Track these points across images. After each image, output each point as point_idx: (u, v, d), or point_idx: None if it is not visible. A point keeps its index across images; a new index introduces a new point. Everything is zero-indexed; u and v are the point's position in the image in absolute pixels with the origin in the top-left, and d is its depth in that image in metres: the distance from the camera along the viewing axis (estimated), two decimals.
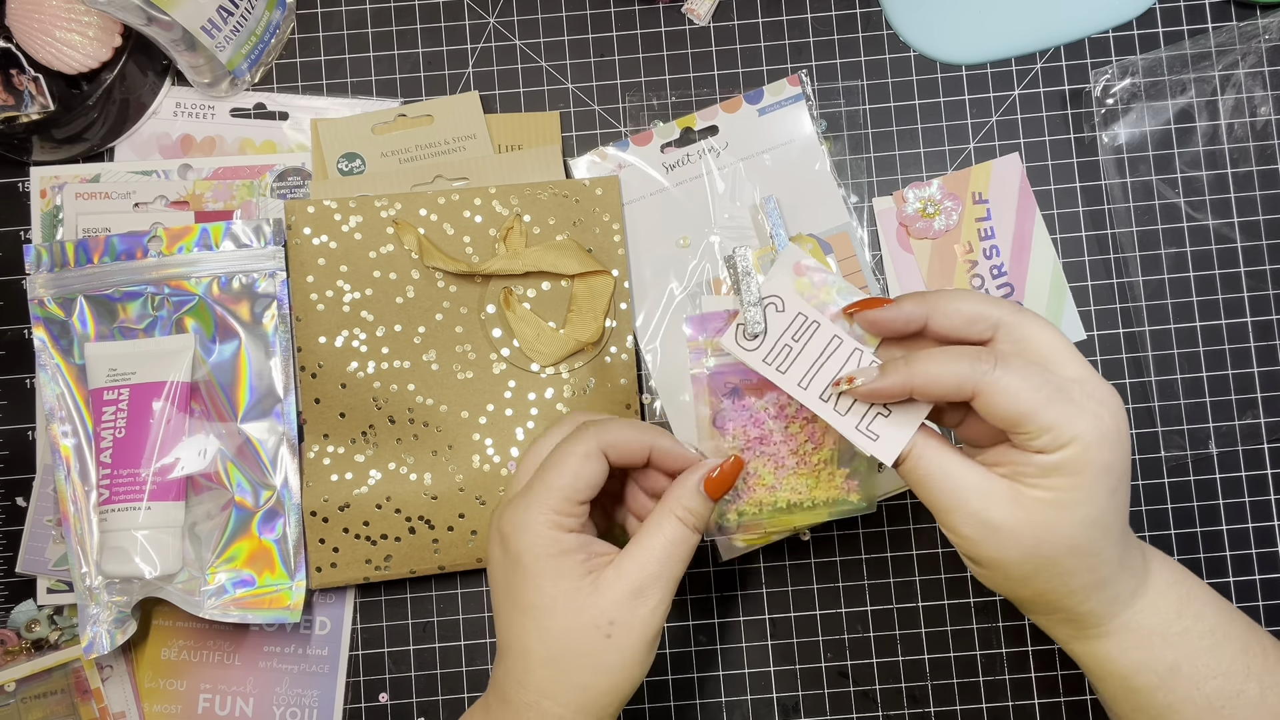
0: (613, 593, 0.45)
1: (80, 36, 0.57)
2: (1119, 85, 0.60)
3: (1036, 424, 0.41)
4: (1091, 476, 0.41)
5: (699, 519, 0.46)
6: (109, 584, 0.57)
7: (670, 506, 0.46)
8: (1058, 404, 0.41)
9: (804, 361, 0.45)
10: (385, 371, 0.58)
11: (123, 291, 0.58)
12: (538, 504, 0.46)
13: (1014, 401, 0.41)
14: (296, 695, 0.59)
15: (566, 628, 0.45)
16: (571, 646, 0.45)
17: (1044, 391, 0.41)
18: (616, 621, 0.45)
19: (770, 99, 0.61)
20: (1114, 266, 0.60)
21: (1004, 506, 0.42)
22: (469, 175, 0.60)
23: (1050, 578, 0.43)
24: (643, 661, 0.46)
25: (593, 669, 0.45)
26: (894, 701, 0.59)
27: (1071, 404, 0.41)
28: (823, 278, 0.46)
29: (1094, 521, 0.42)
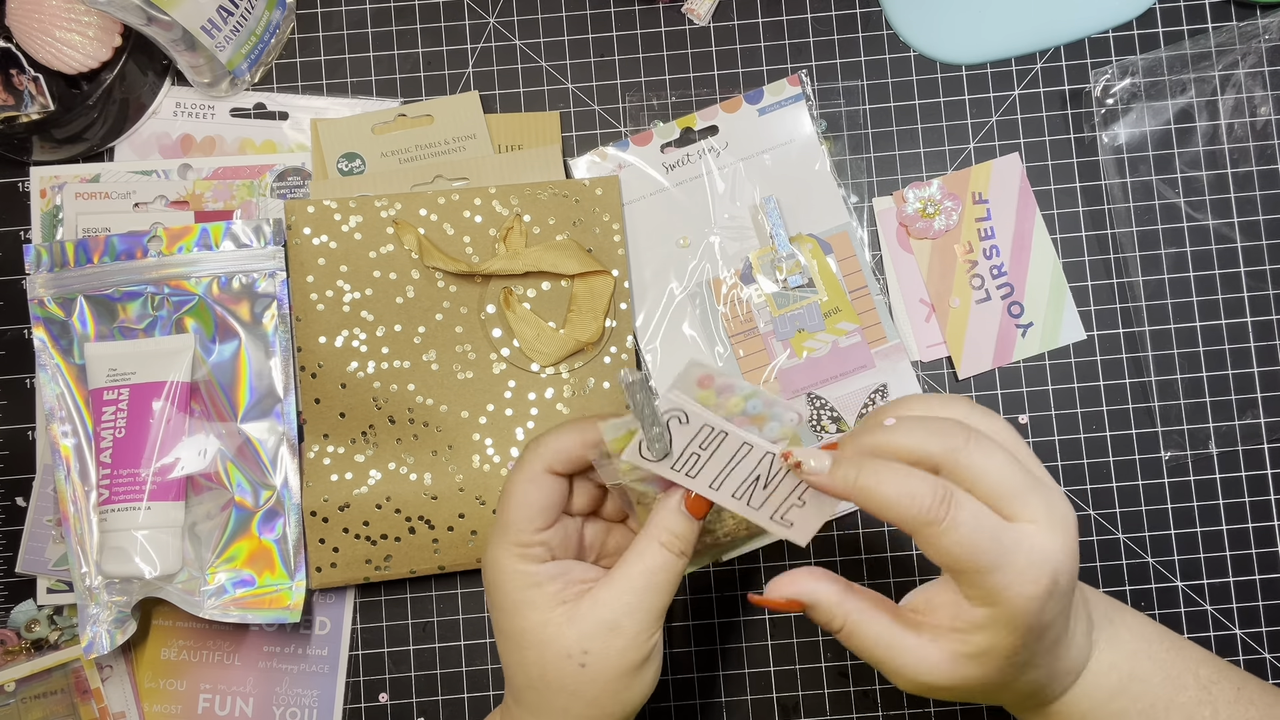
0: (586, 624, 0.44)
1: (80, 36, 0.57)
2: (1119, 85, 0.60)
3: (967, 580, 0.40)
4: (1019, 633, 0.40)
5: (683, 542, 0.45)
6: (109, 584, 0.57)
7: (652, 532, 0.45)
8: (998, 571, 0.39)
9: (714, 467, 0.44)
10: (385, 371, 0.58)
11: (123, 291, 0.58)
12: (499, 540, 0.46)
13: (954, 559, 0.40)
14: (296, 695, 0.59)
15: (541, 658, 0.44)
16: (546, 675, 0.45)
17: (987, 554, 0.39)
18: (591, 652, 0.44)
19: (770, 99, 0.61)
20: (1114, 266, 0.60)
21: (938, 670, 0.41)
22: (469, 175, 0.60)
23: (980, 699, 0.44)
24: (625, 687, 0.45)
25: (569, 694, 0.45)
26: (894, 701, 0.59)
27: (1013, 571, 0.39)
28: (728, 387, 0.43)
29: (1020, 664, 0.41)
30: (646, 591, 0.44)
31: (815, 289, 0.60)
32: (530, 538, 0.45)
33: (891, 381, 0.59)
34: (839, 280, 0.60)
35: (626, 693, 0.45)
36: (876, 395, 0.59)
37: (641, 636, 0.44)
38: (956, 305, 0.60)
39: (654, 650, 0.46)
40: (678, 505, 0.44)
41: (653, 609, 0.44)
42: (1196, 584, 0.59)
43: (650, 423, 0.42)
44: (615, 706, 0.45)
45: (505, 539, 0.46)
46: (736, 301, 0.60)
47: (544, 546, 0.46)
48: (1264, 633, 0.59)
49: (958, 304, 0.60)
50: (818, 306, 0.60)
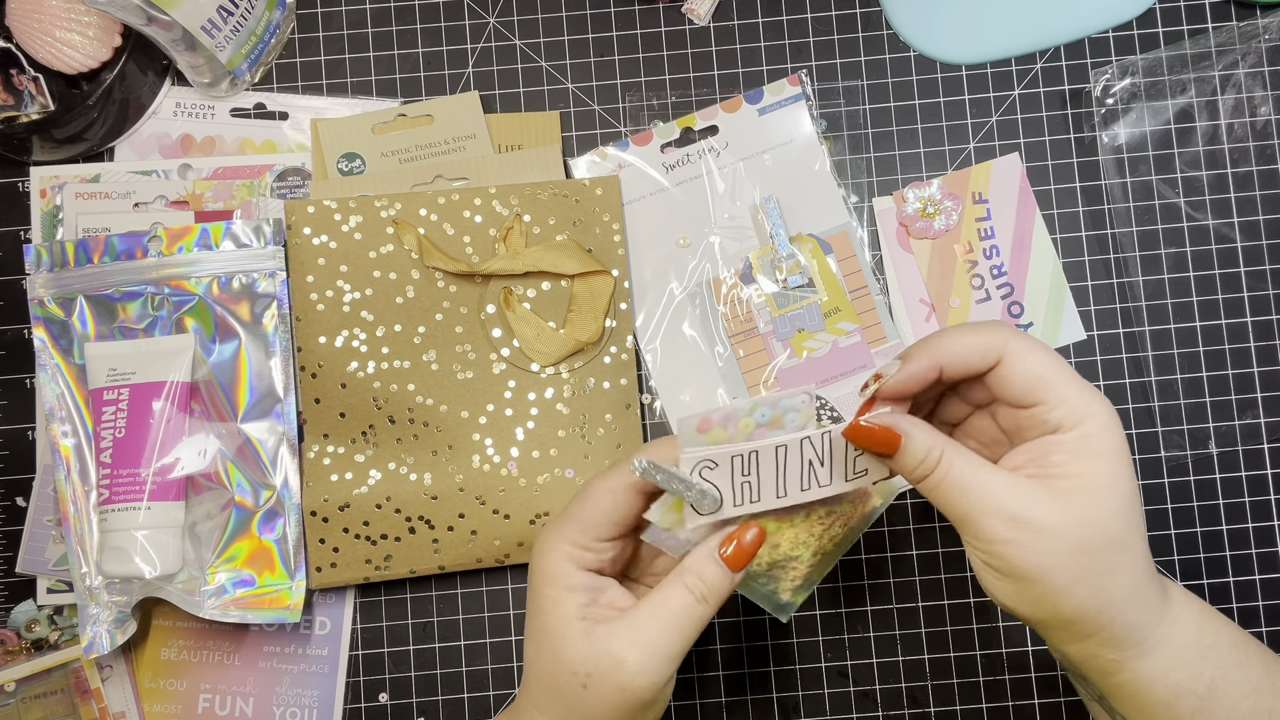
0: (596, 648, 0.43)
1: (80, 36, 0.57)
2: (1119, 85, 0.60)
3: (1055, 392, 0.41)
4: (1114, 456, 0.41)
5: (712, 591, 0.43)
6: (109, 584, 0.57)
7: (681, 574, 0.44)
8: (1074, 381, 0.41)
9: (768, 482, 0.43)
10: (385, 371, 0.58)
11: (123, 291, 0.58)
12: (557, 530, 0.45)
13: (1036, 366, 0.41)
14: (296, 695, 0.59)
15: (554, 659, 0.44)
16: (555, 678, 0.44)
17: (1061, 367, 0.41)
18: (593, 676, 0.43)
19: (770, 99, 0.61)
20: (1114, 266, 0.60)
21: (1042, 503, 0.40)
22: (469, 175, 0.60)
23: (1094, 580, 0.40)
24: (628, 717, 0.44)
25: (569, 706, 0.44)
26: (894, 701, 0.59)
27: (1084, 384, 0.42)
28: (728, 416, 0.43)
29: (1125, 509, 0.41)
30: (662, 633, 0.43)
31: (815, 289, 0.60)
32: (588, 541, 0.45)
33: None
34: (839, 280, 0.60)
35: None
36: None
37: (643, 677, 0.43)
38: (956, 305, 0.60)
39: (659, 695, 0.44)
40: (711, 552, 0.44)
41: (664, 652, 0.43)
42: (1196, 584, 0.59)
43: (687, 488, 0.42)
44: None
45: (563, 533, 0.45)
46: (736, 301, 0.60)
47: (596, 555, 0.45)
48: (1264, 633, 0.59)
49: (958, 304, 0.60)
50: (818, 306, 0.60)
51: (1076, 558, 0.40)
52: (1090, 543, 0.40)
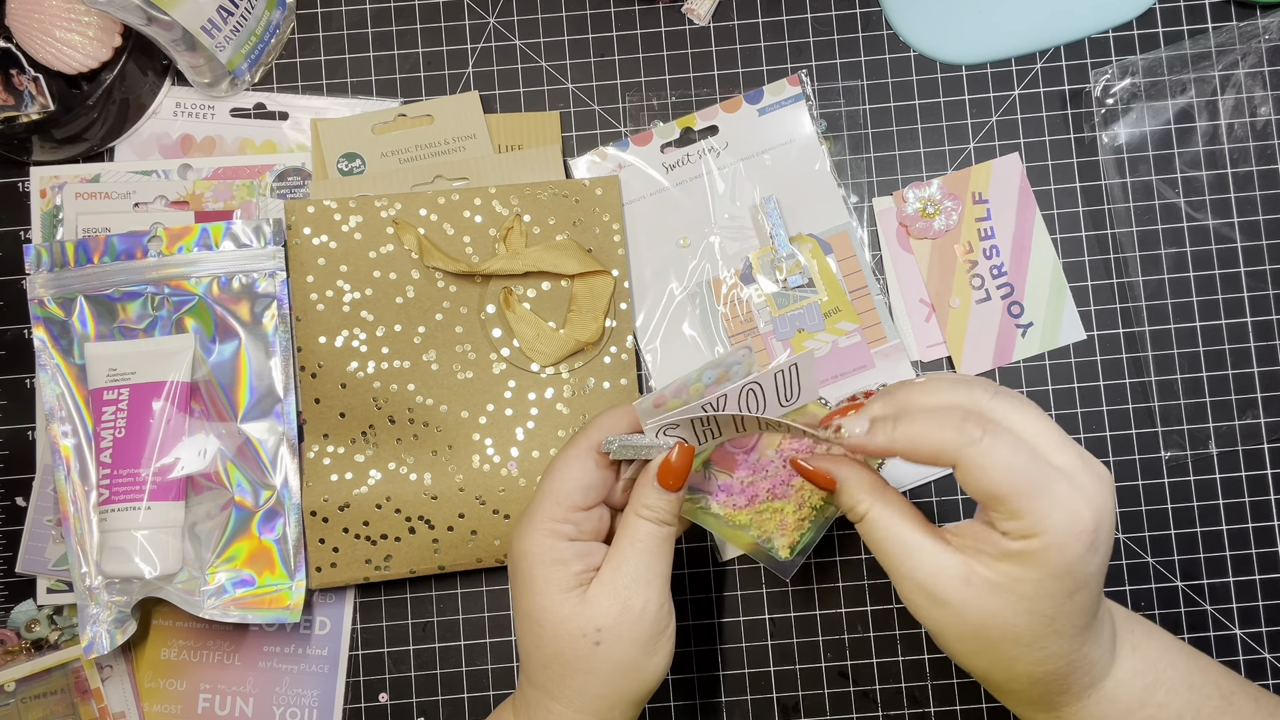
0: (599, 603, 0.45)
1: (80, 36, 0.57)
2: (1119, 85, 0.60)
3: (1008, 508, 0.39)
4: (1049, 575, 0.39)
5: (663, 512, 0.46)
6: (109, 584, 0.57)
7: (633, 508, 0.47)
8: (1036, 495, 0.39)
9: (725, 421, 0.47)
10: (385, 371, 0.58)
11: (123, 291, 0.58)
12: (535, 512, 0.47)
13: (989, 483, 0.39)
14: (296, 695, 0.59)
15: (556, 635, 0.45)
16: (563, 653, 0.45)
17: (1024, 478, 0.39)
18: (604, 629, 0.45)
19: (770, 99, 0.61)
20: (1114, 266, 0.60)
21: (951, 583, 0.41)
22: (469, 175, 0.60)
23: (993, 660, 0.42)
24: (642, 664, 0.46)
25: (586, 673, 0.45)
26: (894, 701, 0.59)
27: (1049, 497, 0.39)
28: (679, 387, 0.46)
29: (1042, 616, 0.40)
30: (643, 562, 0.46)
31: (815, 289, 0.60)
32: (564, 514, 0.46)
33: (891, 382, 0.59)
34: (839, 280, 0.60)
35: (642, 671, 0.46)
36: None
37: (650, 607, 0.46)
38: (956, 305, 0.60)
39: (667, 624, 0.47)
40: (651, 480, 0.46)
41: (651, 577, 0.46)
42: (1196, 584, 0.59)
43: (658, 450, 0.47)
44: (630, 684, 0.46)
45: (538, 513, 0.47)
46: (736, 301, 0.60)
47: (575, 526, 0.47)
48: (1264, 633, 0.59)
49: (958, 304, 0.60)
50: (818, 306, 0.60)
51: (975, 638, 0.41)
52: (989, 632, 0.41)
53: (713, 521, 0.50)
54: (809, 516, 0.50)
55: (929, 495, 0.60)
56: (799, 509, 0.50)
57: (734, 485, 0.50)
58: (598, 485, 0.47)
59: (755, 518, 0.50)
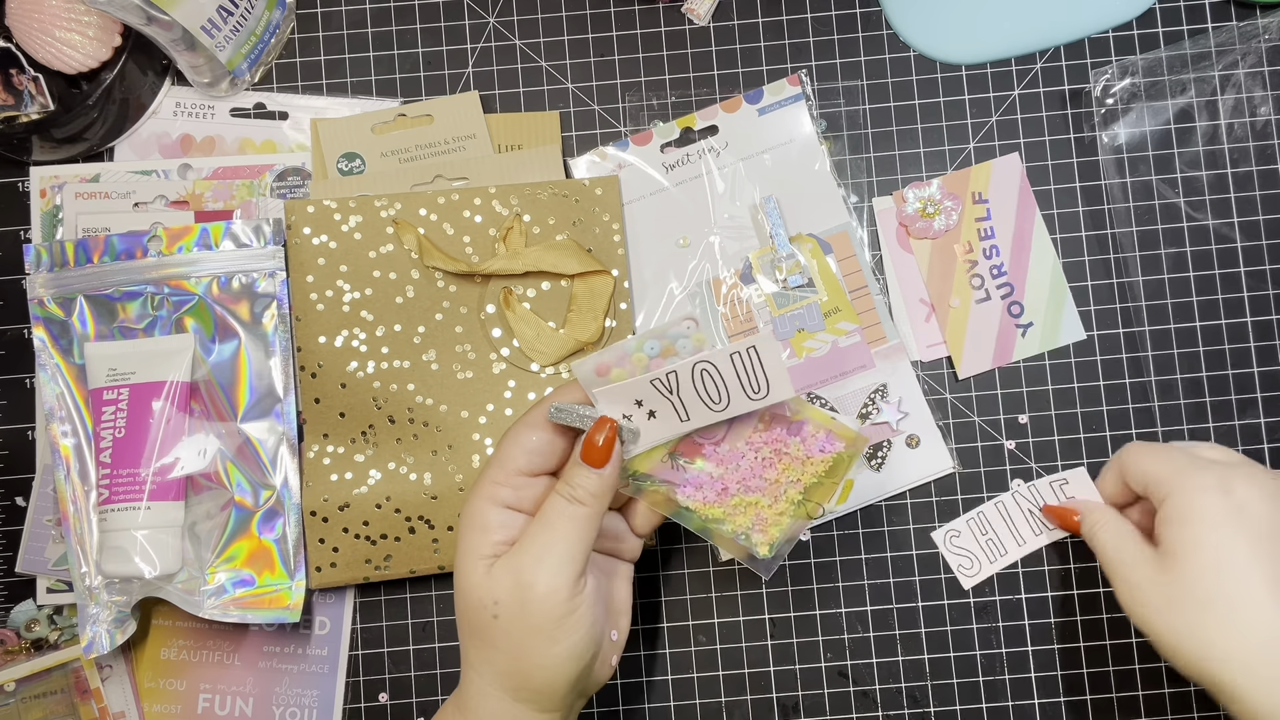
0: (500, 575, 0.45)
1: (80, 36, 0.57)
2: (1119, 85, 0.60)
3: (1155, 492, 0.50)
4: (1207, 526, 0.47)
5: (580, 490, 0.46)
6: (109, 584, 0.57)
7: (558, 486, 0.46)
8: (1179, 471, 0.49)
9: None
10: (385, 371, 0.58)
11: (123, 291, 0.58)
12: (481, 476, 0.47)
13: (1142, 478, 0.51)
14: (296, 695, 0.59)
15: (465, 602, 0.46)
16: (471, 621, 0.46)
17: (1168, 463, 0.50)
18: (500, 603, 0.45)
19: (770, 99, 0.61)
20: (1114, 266, 0.60)
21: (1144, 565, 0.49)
22: (469, 175, 0.60)
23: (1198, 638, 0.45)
24: (539, 648, 0.45)
25: (490, 645, 0.45)
26: (894, 701, 0.59)
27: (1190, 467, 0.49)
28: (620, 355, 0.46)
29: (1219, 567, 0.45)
30: (549, 541, 0.45)
31: (815, 289, 0.60)
32: (505, 476, 0.46)
33: (891, 381, 0.59)
34: (839, 280, 0.60)
35: (542, 656, 0.45)
36: (876, 395, 0.59)
37: (545, 590, 0.44)
38: (956, 305, 0.60)
39: (571, 611, 0.45)
40: (576, 458, 0.46)
41: (562, 558, 0.45)
42: None
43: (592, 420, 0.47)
44: (533, 669, 0.45)
45: (484, 477, 0.47)
46: (736, 301, 0.60)
47: (514, 491, 0.46)
48: None
49: (958, 304, 0.60)
50: (818, 306, 0.60)
51: (1170, 617, 0.46)
52: (1180, 602, 0.46)
53: (685, 516, 0.50)
54: (786, 511, 0.49)
55: (929, 495, 0.60)
56: (774, 503, 0.49)
57: (703, 478, 0.49)
58: (543, 452, 0.47)
59: (729, 512, 0.49)
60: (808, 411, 0.49)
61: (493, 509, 0.46)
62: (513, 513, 0.47)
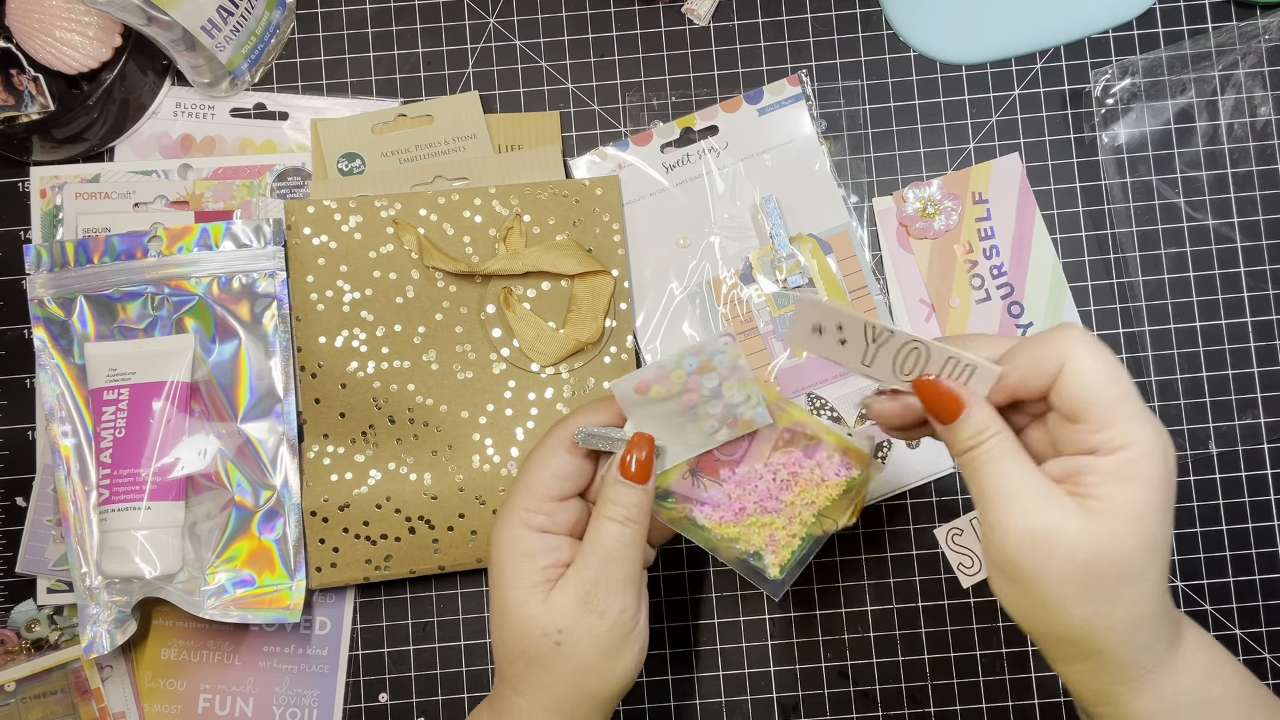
0: (560, 602, 0.45)
1: (80, 36, 0.57)
2: (1119, 85, 0.60)
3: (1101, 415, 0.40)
4: (1150, 489, 0.39)
5: (630, 509, 0.45)
6: (109, 584, 0.57)
7: (600, 508, 0.46)
8: (1125, 403, 0.40)
9: None
10: (385, 371, 0.58)
11: (123, 291, 0.58)
12: (507, 506, 0.47)
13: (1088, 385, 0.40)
14: (296, 695, 0.59)
15: (518, 631, 0.45)
16: (526, 650, 0.45)
17: (1115, 386, 0.40)
18: (565, 630, 0.44)
19: (770, 99, 0.61)
20: (1114, 266, 0.60)
21: (1066, 513, 0.40)
22: (469, 175, 0.60)
23: (1096, 604, 0.40)
24: (606, 666, 0.45)
25: (549, 671, 0.45)
26: (894, 701, 0.59)
27: (1137, 405, 0.40)
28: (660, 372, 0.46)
29: (1149, 541, 0.40)
30: (607, 563, 0.45)
31: (815, 289, 0.60)
32: (537, 503, 0.46)
33: None
34: (839, 280, 0.60)
35: (606, 673, 0.45)
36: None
37: (612, 611, 0.45)
38: (956, 305, 0.60)
39: (633, 629, 0.46)
40: (615, 476, 0.46)
41: (617, 580, 0.45)
42: (1196, 584, 0.59)
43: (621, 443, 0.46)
44: (594, 685, 0.45)
45: (512, 503, 0.46)
46: (736, 301, 0.60)
47: (548, 517, 0.46)
48: (1264, 633, 0.59)
49: (958, 304, 0.60)
50: None
51: (1083, 576, 0.40)
52: (1100, 565, 0.39)
53: (698, 534, 0.49)
54: (799, 533, 0.49)
55: (929, 495, 0.60)
56: (789, 524, 0.49)
57: (721, 498, 0.49)
58: (573, 475, 0.47)
59: (743, 531, 0.49)
60: (824, 433, 0.49)
61: (531, 534, 0.46)
62: (552, 536, 0.46)
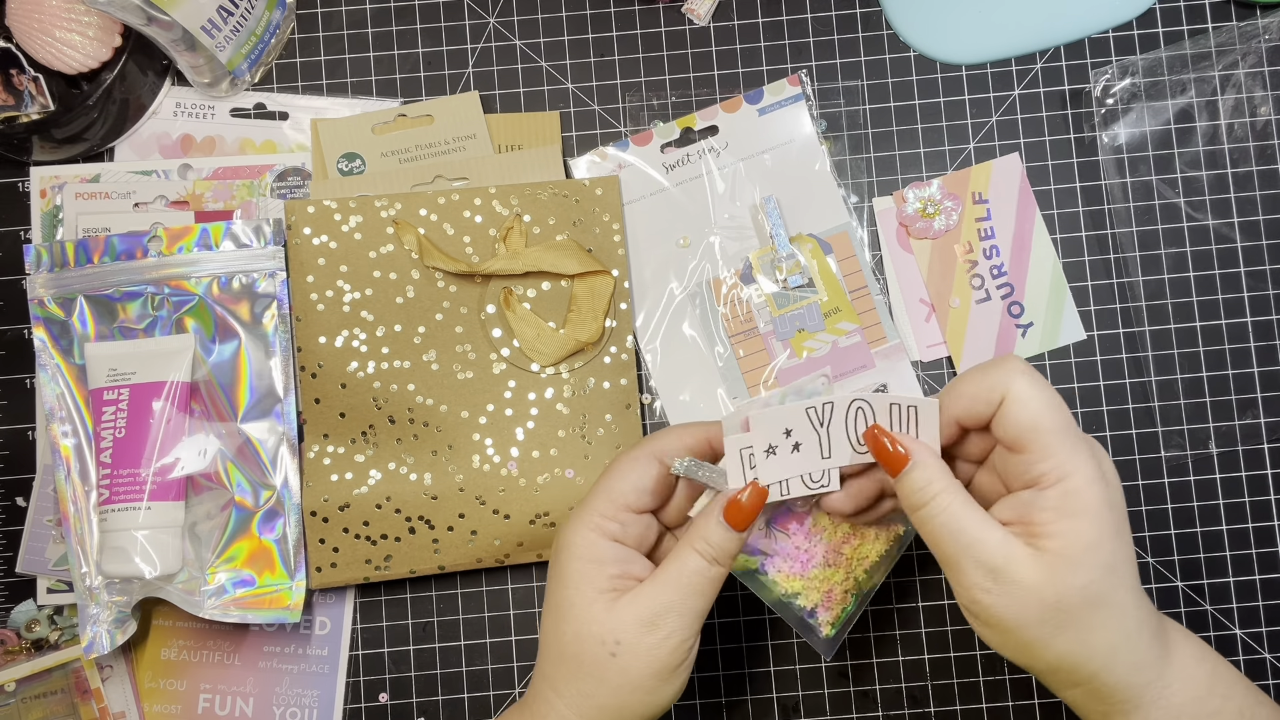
0: (626, 615, 0.45)
1: (80, 36, 0.57)
2: (1119, 85, 0.60)
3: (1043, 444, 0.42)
4: (1096, 516, 0.41)
5: (720, 552, 0.46)
6: (109, 584, 0.57)
7: (690, 539, 0.46)
8: (1066, 434, 0.42)
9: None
10: (385, 371, 0.58)
11: (123, 291, 0.58)
12: (585, 505, 0.47)
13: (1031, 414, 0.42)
14: (296, 695, 0.59)
15: (577, 634, 0.45)
16: (579, 654, 0.45)
17: (1056, 417, 0.42)
18: (623, 643, 0.45)
19: (770, 99, 0.61)
20: (1114, 266, 0.60)
21: (1022, 560, 0.41)
22: (469, 175, 0.60)
23: (1074, 635, 0.41)
24: (652, 688, 0.45)
25: (596, 680, 0.45)
26: (894, 701, 0.59)
27: (1077, 437, 0.42)
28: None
29: (1108, 566, 0.41)
30: (684, 593, 0.45)
31: (815, 289, 0.60)
32: (614, 511, 0.46)
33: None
34: (839, 280, 0.60)
35: (651, 695, 0.46)
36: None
37: (674, 638, 0.45)
38: (956, 305, 0.60)
39: (687, 657, 0.46)
40: (716, 515, 0.46)
41: (688, 611, 0.45)
42: (1196, 584, 0.59)
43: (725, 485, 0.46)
44: (636, 704, 0.46)
45: (588, 507, 0.47)
46: (736, 301, 0.60)
47: (622, 527, 0.47)
48: (1264, 633, 0.59)
49: (958, 304, 0.60)
50: (818, 306, 0.60)
51: (1054, 614, 0.41)
52: (1067, 600, 0.41)
53: (762, 587, 0.51)
54: (852, 589, 0.51)
55: None
56: (845, 579, 0.50)
57: (791, 550, 0.50)
58: (653, 491, 0.47)
59: (806, 586, 0.50)
60: None
61: (604, 541, 0.46)
62: (622, 547, 0.47)
